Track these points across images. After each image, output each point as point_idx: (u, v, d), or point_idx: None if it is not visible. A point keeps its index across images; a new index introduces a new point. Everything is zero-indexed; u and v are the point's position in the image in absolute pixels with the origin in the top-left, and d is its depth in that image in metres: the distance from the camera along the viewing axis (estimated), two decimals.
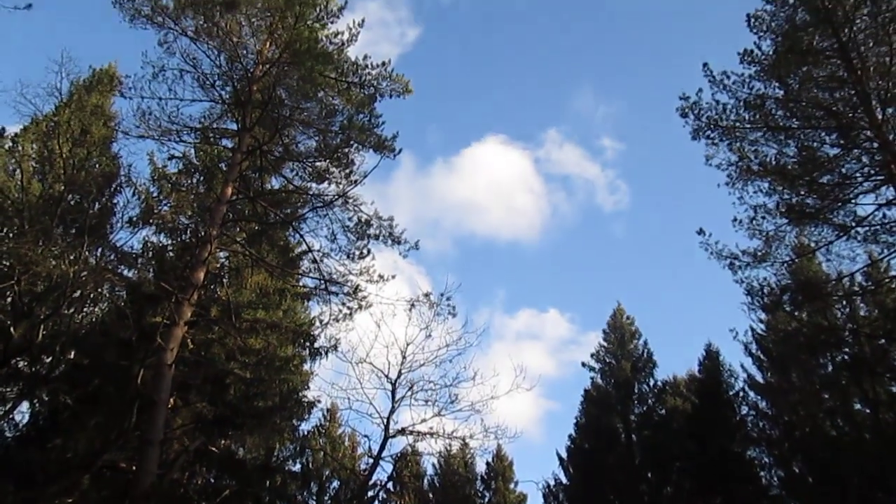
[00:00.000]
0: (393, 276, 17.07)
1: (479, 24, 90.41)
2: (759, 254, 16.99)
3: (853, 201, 16.66)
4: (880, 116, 15.99)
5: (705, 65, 17.14)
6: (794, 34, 16.70)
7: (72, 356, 17.32)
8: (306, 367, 19.48)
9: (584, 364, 31.51)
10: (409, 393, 16.08)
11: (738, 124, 16.94)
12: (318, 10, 16.86)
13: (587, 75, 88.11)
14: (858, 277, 17.82)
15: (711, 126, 17.02)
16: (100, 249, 18.09)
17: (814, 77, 16.88)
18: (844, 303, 19.23)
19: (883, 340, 17.90)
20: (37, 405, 17.08)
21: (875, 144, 16.20)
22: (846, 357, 19.76)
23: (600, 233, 78.55)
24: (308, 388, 19.74)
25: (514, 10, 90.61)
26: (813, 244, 17.45)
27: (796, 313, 19.58)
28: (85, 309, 17.92)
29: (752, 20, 17.39)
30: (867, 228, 16.52)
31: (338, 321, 17.39)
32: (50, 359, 17.12)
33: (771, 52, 17.08)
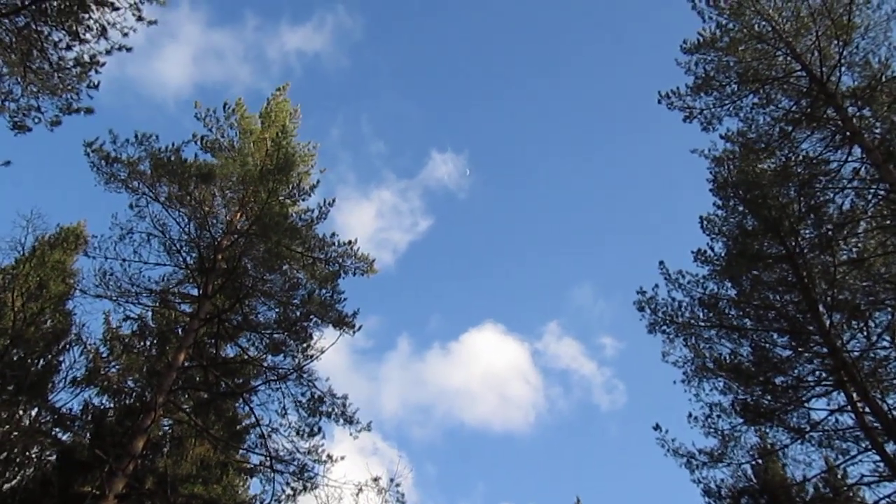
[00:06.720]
0: (342, 457, 16.41)
1: (489, 218, 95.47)
2: (716, 454, 16.69)
3: (807, 404, 16.70)
4: (828, 322, 16.38)
5: (661, 263, 17.80)
6: (743, 239, 17.47)
7: None
8: None
9: None
10: None
11: (693, 321, 17.27)
12: (290, 187, 17.49)
13: (588, 270, 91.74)
14: (819, 483, 17.50)
15: (667, 322, 17.32)
16: (36, 409, 17.25)
17: (764, 280, 17.49)
18: None
19: None
20: None
21: (824, 349, 16.52)
22: None
23: (594, 432, 77.80)
24: None
25: (525, 206, 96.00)
26: (769, 446, 17.25)
27: None
28: (7, 473, 16.76)
29: (705, 223, 18.29)
30: (821, 433, 16.44)
31: (279, 502, 16.47)
32: None
33: (723, 254, 17.82)
